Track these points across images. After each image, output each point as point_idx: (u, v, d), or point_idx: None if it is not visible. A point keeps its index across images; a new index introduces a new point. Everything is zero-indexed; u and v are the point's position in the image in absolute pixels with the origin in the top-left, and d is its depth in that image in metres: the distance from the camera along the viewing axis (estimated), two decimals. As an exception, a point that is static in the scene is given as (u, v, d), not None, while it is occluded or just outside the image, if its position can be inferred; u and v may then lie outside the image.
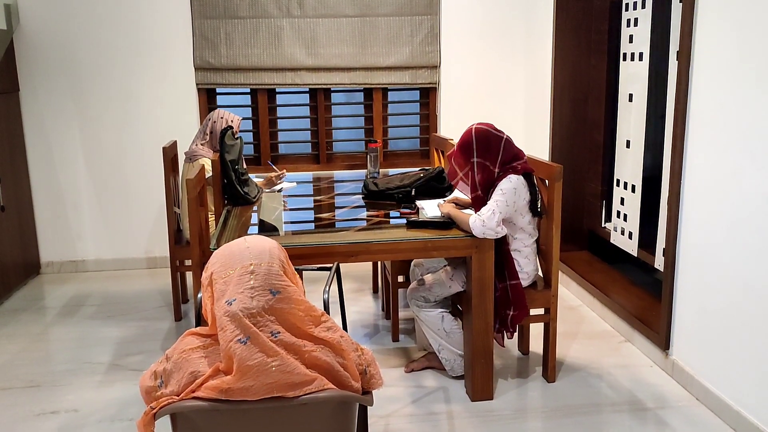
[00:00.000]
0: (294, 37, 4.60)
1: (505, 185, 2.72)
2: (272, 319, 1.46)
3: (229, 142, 3.37)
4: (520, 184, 2.73)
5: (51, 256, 4.72)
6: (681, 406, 2.79)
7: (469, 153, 2.78)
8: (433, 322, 2.94)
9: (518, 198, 2.73)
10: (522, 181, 2.75)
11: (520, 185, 2.74)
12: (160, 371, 1.51)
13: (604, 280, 3.87)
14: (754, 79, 2.42)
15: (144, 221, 4.75)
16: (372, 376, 1.61)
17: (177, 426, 1.49)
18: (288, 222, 3.13)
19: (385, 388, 2.92)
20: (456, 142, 2.91)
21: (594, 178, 4.25)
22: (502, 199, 2.69)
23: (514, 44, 4.83)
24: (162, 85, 4.59)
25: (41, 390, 3.03)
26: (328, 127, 4.89)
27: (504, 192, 2.70)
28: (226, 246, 1.60)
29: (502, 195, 2.70)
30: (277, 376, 1.43)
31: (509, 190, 2.70)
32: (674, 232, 2.94)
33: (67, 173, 4.63)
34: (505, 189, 2.71)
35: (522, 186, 2.74)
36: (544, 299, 2.93)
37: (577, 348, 3.35)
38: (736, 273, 2.56)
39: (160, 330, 3.67)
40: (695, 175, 2.80)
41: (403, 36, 4.69)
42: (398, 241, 2.67)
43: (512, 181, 2.72)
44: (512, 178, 2.73)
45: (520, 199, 2.74)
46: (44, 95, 4.51)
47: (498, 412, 2.76)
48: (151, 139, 4.60)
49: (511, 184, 2.72)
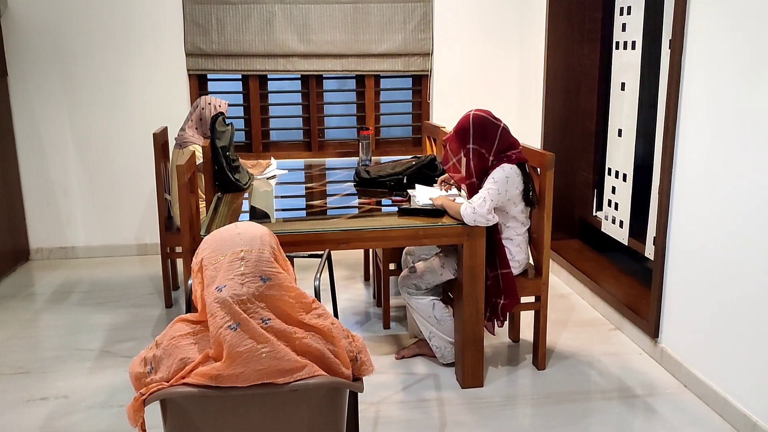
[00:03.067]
0: (286, 23, 4.56)
1: (497, 174, 2.71)
2: (263, 306, 1.46)
3: (219, 128, 3.35)
4: (513, 173, 2.73)
5: (40, 243, 4.69)
6: (669, 393, 2.81)
7: (465, 139, 2.78)
8: (424, 309, 2.95)
9: (510, 187, 2.73)
10: (515, 171, 2.75)
11: (513, 174, 2.73)
12: (149, 358, 1.51)
13: (594, 268, 3.88)
14: (746, 68, 2.42)
15: (134, 208, 4.72)
16: (363, 363, 1.61)
17: (167, 412, 1.49)
18: (279, 209, 3.12)
19: (376, 375, 2.93)
20: (449, 130, 2.90)
21: (585, 167, 4.26)
22: (494, 188, 2.69)
23: (507, 32, 4.81)
24: (153, 71, 4.55)
25: (30, 376, 3.02)
26: (319, 114, 4.86)
27: (496, 181, 2.70)
28: (216, 232, 1.59)
29: (494, 184, 2.69)
30: (268, 362, 1.43)
31: (501, 179, 2.70)
32: (665, 221, 2.95)
33: (57, 159, 4.59)
34: (498, 178, 2.70)
35: (515, 175, 2.74)
36: (535, 287, 2.94)
37: (568, 336, 3.37)
38: (725, 262, 2.58)
39: (150, 317, 3.66)
40: (686, 165, 2.80)
41: (396, 23, 4.66)
42: (390, 228, 2.67)
43: (505, 170, 2.72)
44: (505, 167, 2.73)
45: (512, 188, 2.74)
46: (33, 80, 4.46)
47: (488, 399, 2.77)
48: (141, 125, 4.56)
49: (504, 173, 2.72)
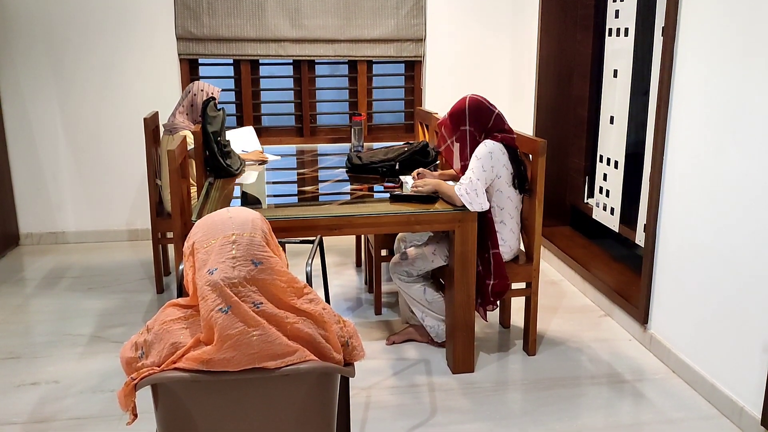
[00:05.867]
0: (278, 7, 4.53)
1: (479, 150, 2.73)
2: (254, 290, 1.46)
3: (211, 113, 3.33)
4: (496, 149, 2.73)
5: (30, 228, 4.67)
6: (657, 378, 2.84)
7: (459, 121, 2.80)
8: (416, 294, 2.97)
9: (496, 163, 2.73)
10: (499, 147, 2.75)
11: (497, 150, 2.73)
12: (140, 342, 1.50)
13: (585, 255, 3.90)
14: (738, 56, 2.42)
15: (125, 193, 4.70)
16: (354, 348, 1.61)
17: (158, 397, 1.49)
18: (271, 195, 3.11)
19: (367, 360, 2.94)
20: (441, 116, 2.90)
21: (577, 154, 4.26)
22: (478, 164, 2.70)
23: (500, 18, 4.79)
24: (143, 55, 4.51)
25: (21, 361, 3.01)
26: (312, 99, 4.84)
27: (479, 157, 2.71)
28: (208, 216, 1.58)
29: (477, 161, 2.71)
30: (259, 346, 1.43)
31: (484, 155, 2.71)
32: (655, 208, 2.96)
33: (47, 144, 4.55)
34: (480, 154, 2.72)
35: (499, 151, 2.74)
36: (526, 273, 2.95)
37: (558, 322, 3.39)
38: (714, 249, 2.59)
39: (141, 302, 3.65)
40: (678, 152, 2.81)
41: (389, 8, 4.63)
42: (382, 215, 2.67)
43: (487, 145, 2.73)
44: (487, 143, 2.74)
45: (498, 165, 2.74)
46: (22, 64, 4.41)
47: (479, 384, 2.79)
48: (132, 110, 4.53)
49: (486, 148, 2.72)
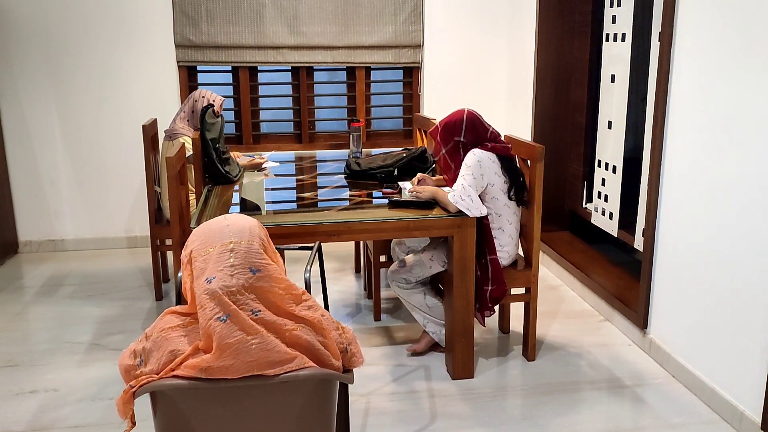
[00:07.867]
0: (276, 14, 4.54)
1: (468, 159, 2.76)
2: (252, 298, 1.46)
3: (209, 120, 3.33)
4: (484, 157, 2.76)
5: (29, 235, 4.66)
6: (657, 383, 2.83)
7: (454, 132, 2.81)
8: (416, 301, 2.97)
9: (487, 171, 2.75)
10: (488, 156, 2.77)
11: (485, 158, 2.75)
12: (139, 350, 1.50)
13: (584, 260, 3.90)
14: (735, 61, 2.43)
15: (124, 200, 4.70)
16: (353, 355, 1.61)
17: (156, 405, 1.49)
18: (270, 201, 3.11)
19: (367, 367, 2.94)
20: (439, 121, 2.91)
21: (575, 159, 4.27)
22: (468, 173, 2.72)
23: (498, 25, 4.81)
24: (142, 62, 4.52)
25: (20, 369, 3.00)
26: (310, 106, 4.85)
27: (469, 165, 2.74)
28: (205, 224, 1.58)
29: (467, 168, 2.74)
30: (257, 354, 1.43)
31: (473, 163, 2.73)
32: (654, 212, 2.97)
33: (45, 151, 4.55)
34: (469, 162, 2.74)
35: (488, 159, 2.76)
36: (525, 278, 2.95)
37: (557, 327, 3.39)
38: (713, 254, 2.59)
39: (140, 309, 3.65)
40: (675, 157, 2.82)
41: (387, 15, 4.65)
42: (380, 220, 2.67)
43: (476, 154, 2.76)
44: (475, 151, 2.77)
45: (489, 172, 2.75)
46: (20, 70, 4.42)
47: (478, 390, 2.79)
48: (130, 117, 4.54)
49: (475, 156, 2.75)
